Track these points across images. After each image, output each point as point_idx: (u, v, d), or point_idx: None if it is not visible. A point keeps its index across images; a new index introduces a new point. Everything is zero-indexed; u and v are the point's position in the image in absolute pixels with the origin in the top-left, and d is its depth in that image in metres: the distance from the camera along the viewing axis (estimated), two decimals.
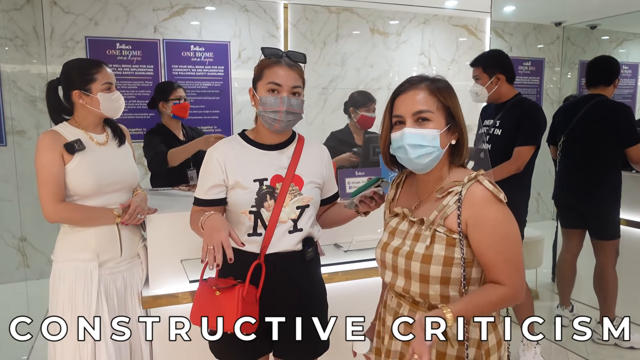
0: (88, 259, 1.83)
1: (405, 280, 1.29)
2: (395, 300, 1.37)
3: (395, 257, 1.31)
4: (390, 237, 1.37)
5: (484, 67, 2.72)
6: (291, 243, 1.58)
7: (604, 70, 3.04)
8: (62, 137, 1.80)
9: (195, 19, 4.08)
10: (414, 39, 4.80)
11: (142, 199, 1.94)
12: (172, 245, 2.00)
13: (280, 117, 1.53)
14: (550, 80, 5.82)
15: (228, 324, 1.47)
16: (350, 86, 4.48)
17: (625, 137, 2.91)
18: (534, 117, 2.65)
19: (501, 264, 1.22)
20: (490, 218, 1.22)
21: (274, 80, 1.53)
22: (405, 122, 1.27)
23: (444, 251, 1.23)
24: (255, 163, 1.59)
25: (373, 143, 2.69)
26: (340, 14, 4.48)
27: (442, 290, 1.25)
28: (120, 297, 1.91)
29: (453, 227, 1.24)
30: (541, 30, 5.64)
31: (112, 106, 1.88)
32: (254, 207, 1.55)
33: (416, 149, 1.25)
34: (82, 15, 3.76)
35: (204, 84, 4.16)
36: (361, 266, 2.17)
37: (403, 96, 1.29)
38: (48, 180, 1.75)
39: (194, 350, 2.00)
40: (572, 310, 3.38)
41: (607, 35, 5.89)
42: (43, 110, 3.79)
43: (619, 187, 3.02)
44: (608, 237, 3.04)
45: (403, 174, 1.46)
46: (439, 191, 1.29)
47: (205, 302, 1.53)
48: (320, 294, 1.71)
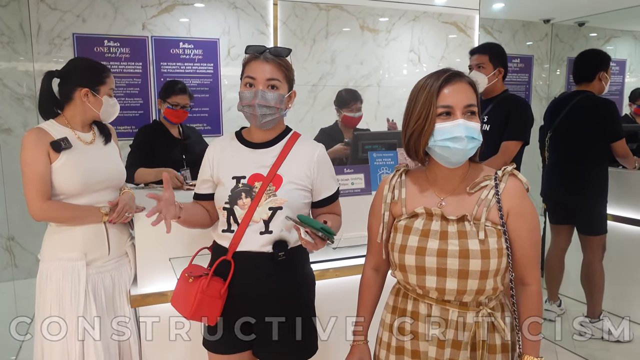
0: (75, 258, 1.81)
1: (459, 281, 1.25)
2: (438, 308, 1.30)
3: (442, 259, 1.25)
4: (422, 240, 1.29)
5: (491, 56, 2.73)
6: (260, 244, 1.54)
7: (583, 66, 3.08)
8: (48, 135, 1.78)
9: (184, 16, 4.05)
10: (404, 36, 4.81)
11: (129, 197, 1.93)
12: (160, 243, 1.99)
13: (253, 111, 1.52)
14: (539, 77, 5.86)
15: (186, 312, 1.52)
16: (340, 83, 4.48)
17: (610, 132, 2.94)
18: (522, 113, 2.67)
19: (532, 256, 1.29)
20: (529, 209, 1.29)
21: (249, 74, 1.54)
22: (455, 114, 1.25)
23: (497, 244, 1.25)
24: (237, 161, 1.59)
25: (362, 140, 2.69)
26: (329, 11, 4.47)
27: (494, 283, 1.28)
28: (109, 296, 1.90)
29: (496, 220, 1.27)
30: (530, 28, 5.68)
31: (110, 111, 1.92)
32: (227, 204, 1.55)
33: (471, 142, 1.25)
34: (69, 12, 3.72)
35: (193, 81, 4.13)
36: (351, 263, 2.18)
37: (451, 86, 1.25)
38: (33, 178, 1.74)
39: (181, 348, 2.00)
40: (560, 305, 3.41)
41: (595, 32, 5.94)
42: (30, 108, 3.76)
43: (606, 182, 3.05)
44: (594, 232, 3.07)
45: (401, 174, 1.41)
46: (471, 186, 1.30)
47: (180, 286, 1.59)
48: (299, 296, 1.63)
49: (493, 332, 1.29)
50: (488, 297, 1.30)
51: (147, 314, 1.96)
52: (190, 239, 1.98)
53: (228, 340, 1.60)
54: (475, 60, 2.78)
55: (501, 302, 1.34)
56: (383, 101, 4.79)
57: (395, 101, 4.82)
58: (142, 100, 4.00)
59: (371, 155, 2.45)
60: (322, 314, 1.77)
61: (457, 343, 1.28)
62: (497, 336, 1.30)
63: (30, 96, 3.75)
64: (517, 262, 1.29)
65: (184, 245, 1.99)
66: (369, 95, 4.63)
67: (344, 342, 1.56)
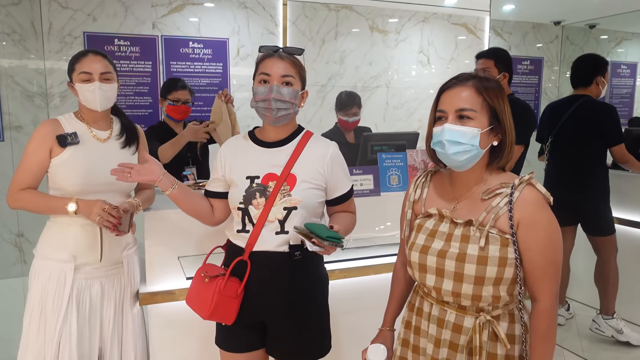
0: (64, 260, 1.75)
1: (454, 283, 1.26)
2: (437, 308, 1.33)
3: (441, 260, 1.28)
4: (429, 239, 1.32)
5: (497, 61, 2.74)
6: (275, 244, 1.55)
7: (581, 70, 3.08)
8: (60, 128, 1.77)
9: (194, 16, 4.06)
10: (413, 37, 4.79)
11: (130, 205, 1.79)
12: (169, 242, 2.00)
13: (269, 105, 1.51)
14: (549, 79, 5.82)
15: (204, 312, 1.52)
16: (349, 84, 4.47)
17: (609, 137, 2.94)
18: (523, 117, 2.68)
19: (543, 270, 1.23)
20: (544, 221, 1.23)
21: (263, 71, 1.54)
22: (447, 118, 1.26)
23: (499, 252, 1.23)
24: (251, 160, 1.59)
25: (371, 141, 2.68)
26: (339, 11, 4.47)
27: (494, 291, 1.24)
28: (95, 305, 1.80)
29: (505, 229, 1.24)
30: (540, 29, 5.64)
31: (88, 98, 1.76)
32: (242, 204, 1.55)
33: (454, 146, 1.24)
34: (80, 11, 3.74)
35: (203, 80, 4.14)
36: (359, 264, 2.18)
37: (449, 92, 1.28)
38: (22, 166, 1.74)
39: (190, 346, 2.00)
40: (569, 309, 3.39)
41: (606, 35, 5.89)
42: (41, 105, 3.78)
43: (607, 184, 3.06)
44: (604, 232, 3.08)
45: (427, 174, 1.44)
46: (485, 193, 1.28)
47: (195, 286, 1.59)
48: (313, 295, 1.64)
49: (495, 341, 1.27)
50: (490, 305, 1.27)
51: (156, 312, 1.97)
52: (199, 238, 1.99)
53: (241, 339, 1.60)
54: (481, 64, 2.79)
55: (511, 312, 1.31)
56: (392, 102, 4.78)
57: (404, 102, 4.80)
58: (152, 99, 4.01)
59: (380, 157, 2.44)
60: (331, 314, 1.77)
61: (454, 345, 1.29)
62: (499, 346, 1.27)
63: (41, 94, 3.77)
64: (526, 274, 1.26)
65: (193, 244, 2.00)
66: (377, 96, 4.62)
67: (354, 343, 1.56)
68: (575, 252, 3.27)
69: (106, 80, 1.78)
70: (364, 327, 1.62)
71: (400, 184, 2.42)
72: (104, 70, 1.78)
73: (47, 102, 3.72)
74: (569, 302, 3.40)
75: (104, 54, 1.83)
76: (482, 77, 1.29)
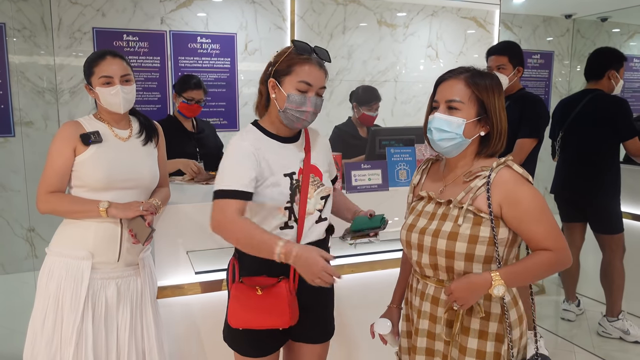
0: (82, 257, 1.73)
1: (429, 257, 1.37)
2: (422, 282, 1.44)
3: (421, 236, 1.39)
4: (415, 219, 1.45)
5: (510, 57, 2.70)
6: (319, 232, 1.62)
7: (594, 63, 3.04)
8: (82, 129, 1.76)
9: (202, 11, 4.06)
10: (422, 31, 4.76)
11: (150, 205, 1.78)
12: (178, 236, 2.01)
13: (306, 117, 1.53)
14: (559, 73, 5.76)
15: (283, 320, 1.48)
16: (357, 79, 4.46)
17: (622, 131, 2.90)
18: (536, 110, 2.65)
19: (544, 232, 1.31)
20: (525, 195, 1.31)
21: (306, 80, 1.50)
22: (439, 108, 1.38)
23: (470, 230, 1.32)
24: (281, 157, 1.56)
25: (379, 135, 2.68)
26: (347, 5, 4.45)
27: (466, 266, 1.33)
28: (110, 307, 1.77)
29: (482, 208, 1.32)
30: (551, 23, 5.57)
31: (111, 101, 1.76)
32: (289, 203, 1.54)
33: (439, 133, 1.36)
34: (90, 7, 3.75)
35: (210, 75, 4.15)
36: (367, 259, 2.18)
37: (443, 84, 1.39)
38: (48, 170, 1.73)
39: (196, 340, 2.02)
40: (579, 305, 3.37)
41: (618, 28, 5.81)
42: (51, 101, 3.80)
43: (618, 180, 3.01)
44: (610, 231, 3.03)
45: (429, 162, 1.55)
46: (467, 175, 1.38)
47: (247, 302, 1.51)
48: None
49: (469, 316, 1.35)
50: None
51: (164, 306, 1.98)
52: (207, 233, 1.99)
53: (267, 341, 1.59)
54: (495, 61, 2.74)
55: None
56: (400, 97, 4.75)
57: (412, 97, 4.77)
58: (160, 94, 4.03)
59: (389, 151, 2.43)
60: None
61: (433, 317, 1.41)
62: (474, 320, 1.35)
63: (51, 89, 3.79)
64: (530, 242, 1.33)
65: (202, 239, 2.01)
66: (385, 90, 4.59)
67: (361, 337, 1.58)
68: (586, 248, 3.24)
69: (126, 82, 1.78)
70: (371, 322, 1.62)
71: (409, 178, 2.41)
72: (124, 73, 1.78)
73: (57, 98, 3.74)
74: (579, 298, 3.38)
75: (121, 55, 1.82)
76: (477, 72, 1.38)
